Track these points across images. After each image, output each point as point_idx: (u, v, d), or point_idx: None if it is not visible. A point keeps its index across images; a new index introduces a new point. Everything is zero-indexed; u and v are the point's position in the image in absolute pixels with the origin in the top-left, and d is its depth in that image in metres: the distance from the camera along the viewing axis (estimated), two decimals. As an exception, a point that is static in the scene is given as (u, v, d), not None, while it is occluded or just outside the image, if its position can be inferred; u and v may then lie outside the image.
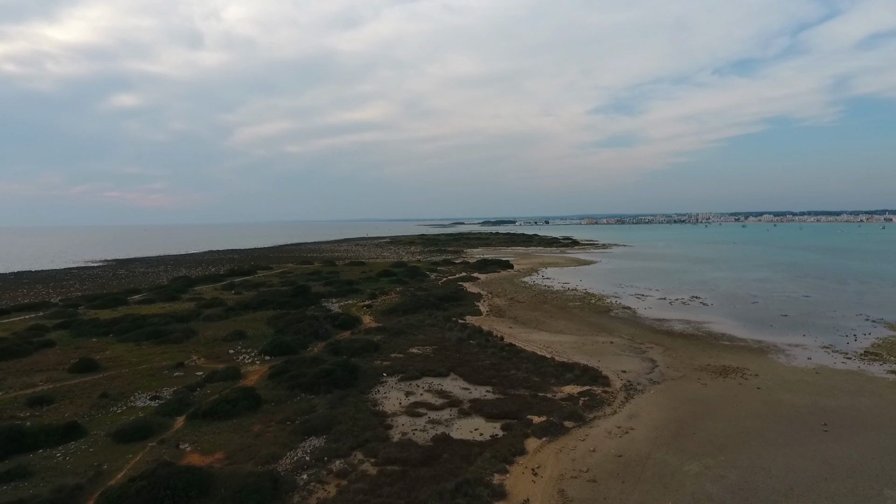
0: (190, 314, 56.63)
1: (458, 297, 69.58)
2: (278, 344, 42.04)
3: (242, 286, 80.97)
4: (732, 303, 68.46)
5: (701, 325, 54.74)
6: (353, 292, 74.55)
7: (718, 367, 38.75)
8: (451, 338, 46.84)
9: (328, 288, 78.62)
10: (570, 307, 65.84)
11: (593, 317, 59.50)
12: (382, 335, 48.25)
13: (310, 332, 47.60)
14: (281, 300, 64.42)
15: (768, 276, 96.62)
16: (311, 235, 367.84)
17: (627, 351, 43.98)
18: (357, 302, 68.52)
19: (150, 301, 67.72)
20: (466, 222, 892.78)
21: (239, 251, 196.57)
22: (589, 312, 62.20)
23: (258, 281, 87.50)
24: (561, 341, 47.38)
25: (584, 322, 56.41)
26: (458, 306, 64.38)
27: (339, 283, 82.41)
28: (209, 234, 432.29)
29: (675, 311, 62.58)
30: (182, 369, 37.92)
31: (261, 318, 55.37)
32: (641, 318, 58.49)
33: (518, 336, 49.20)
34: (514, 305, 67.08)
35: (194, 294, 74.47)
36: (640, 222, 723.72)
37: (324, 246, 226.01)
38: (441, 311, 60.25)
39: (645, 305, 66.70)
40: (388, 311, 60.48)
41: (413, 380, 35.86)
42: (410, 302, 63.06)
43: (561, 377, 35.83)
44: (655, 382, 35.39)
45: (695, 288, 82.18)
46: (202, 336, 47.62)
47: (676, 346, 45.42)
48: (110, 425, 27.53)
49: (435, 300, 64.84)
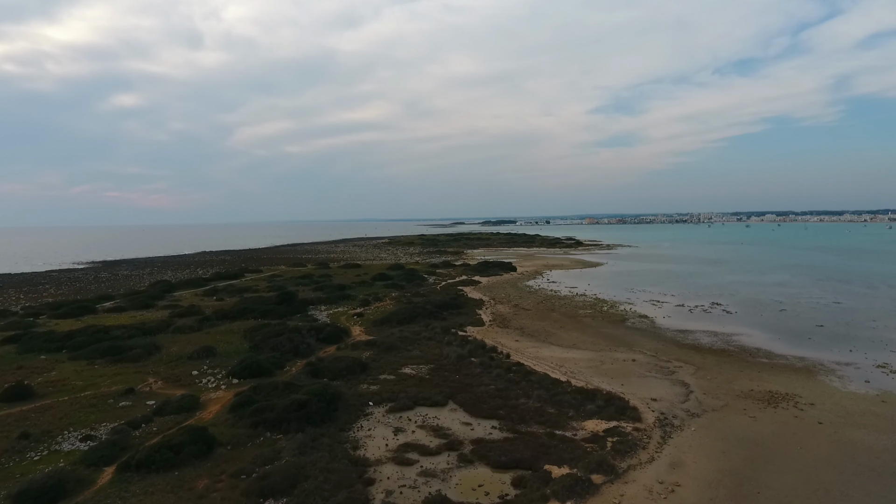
0: (159, 325, 50.84)
1: (457, 304, 63.77)
2: (249, 364, 36.23)
3: (226, 291, 75.19)
4: (758, 310, 62.62)
5: (730, 337, 48.89)
6: (345, 298, 68.75)
7: (764, 394, 32.94)
8: (450, 354, 41.02)
9: (318, 294, 72.82)
10: (581, 316, 60.01)
11: (608, 327, 53.65)
12: (372, 351, 42.45)
13: (289, 347, 41.81)
14: (264, 308, 58.62)
15: (788, 280, 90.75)
16: (309, 236, 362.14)
17: (653, 371, 38.15)
18: (348, 310, 62.71)
19: (121, 309, 61.94)
20: (467, 222, 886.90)
21: (232, 252, 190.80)
22: (602, 322, 56.36)
23: (244, 286, 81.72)
24: (575, 358, 41.55)
25: (599, 334, 50.57)
26: (457, 315, 58.58)
27: (330, 289, 76.62)
28: (206, 235, 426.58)
29: (697, 321, 56.75)
30: (132, 397, 32.11)
31: (237, 329, 49.56)
32: (662, 330, 52.66)
33: (526, 352, 43.38)
34: (520, 314, 61.26)
35: (171, 300, 68.68)
36: (641, 222, 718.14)
37: (320, 247, 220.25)
38: (439, 321, 54.47)
39: (663, 314, 60.87)
40: (380, 320, 54.68)
41: (404, 411, 30.05)
42: (406, 310, 57.25)
43: (581, 408, 29.99)
44: (694, 415, 29.56)
45: (713, 293, 76.34)
46: (166, 352, 41.81)
47: (708, 365, 39.58)
48: (19, 480, 21.76)
49: (433, 308, 59.03)
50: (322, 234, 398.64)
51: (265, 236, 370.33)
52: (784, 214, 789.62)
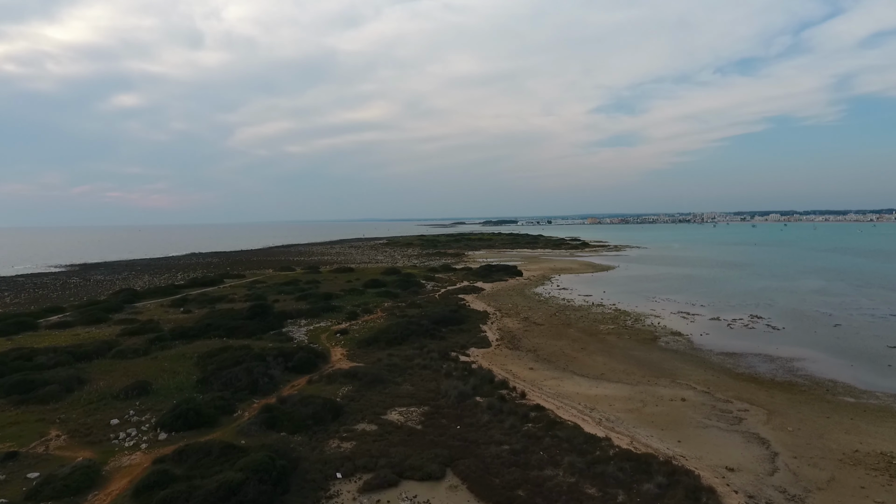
0: (100, 347, 42.11)
1: (458, 318, 55.02)
2: (185, 411, 27.50)
3: (196, 302, 66.47)
4: (808, 326, 53.85)
5: (792, 364, 40.14)
6: (330, 311, 59.98)
7: (876, 457, 24.24)
8: (449, 391, 32.27)
9: (299, 304, 64.09)
10: (603, 333, 51.27)
11: (639, 349, 44.90)
12: (352, 385, 33.76)
13: (246, 382, 33.10)
14: (231, 324, 49.92)
15: (825, 287, 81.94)
16: (307, 236, 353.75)
17: (713, 417, 29.43)
18: (331, 325, 54.01)
19: (67, 324, 53.21)
20: (467, 222, 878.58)
21: (222, 254, 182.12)
22: (630, 342, 47.60)
23: (219, 294, 73.01)
24: (608, 396, 32.83)
25: (630, 359, 41.83)
26: (458, 332, 49.84)
27: (315, 298, 67.89)
28: (202, 236, 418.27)
29: (742, 340, 48.02)
30: (13, 463, 23.43)
31: (192, 353, 40.81)
32: (704, 352, 43.92)
33: (545, 386, 34.66)
34: (531, 329, 52.53)
35: (131, 313, 59.99)
36: (644, 222, 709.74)
37: (315, 248, 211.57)
38: (436, 341, 45.76)
39: (698, 330, 52.14)
40: (367, 340, 45.91)
41: (385, 489, 21.39)
42: (398, 327, 48.51)
43: (634, 488, 21.25)
44: (796, 500, 20.84)
45: (746, 303, 67.61)
46: (91, 389, 33.09)
47: (781, 407, 30.86)
48: None
49: (429, 324, 50.30)
50: (320, 234, 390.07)
51: (262, 237, 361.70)
52: (787, 214, 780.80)
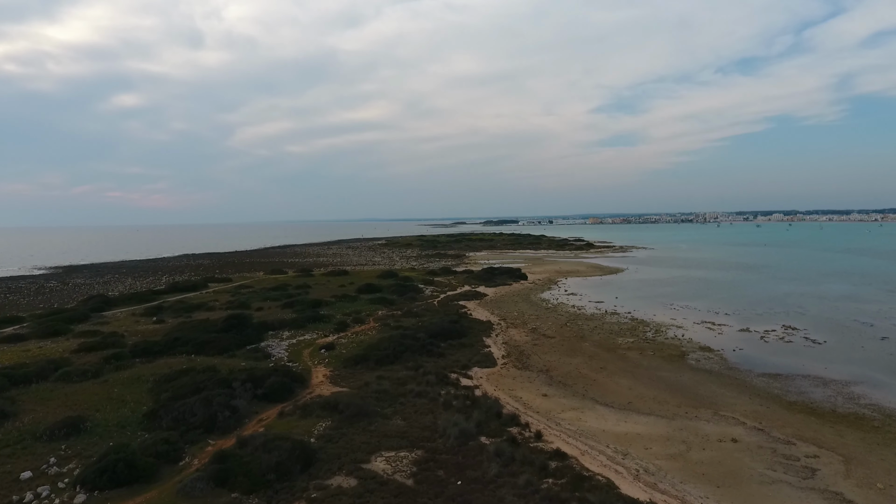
0: (44, 368, 36.30)
1: (459, 329, 49.17)
2: (111, 465, 21.69)
3: (172, 310, 60.71)
4: (851, 339, 48.04)
5: (850, 390, 34.31)
6: (317, 320, 54.17)
7: None
8: (448, 430, 26.48)
9: (284, 313, 58.34)
10: (622, 347, 45.46)
11: (666, 368, 39.09)
12: (331, 419, 27.99)
13: (203, 416, 27.33)
14: (202, 338, 44.13)
15: (854, 292, 76.10)
16: (305, 236, 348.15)
17: (777, 466, 23.61)
18: (317, 337, 48.24)
19: (19, 338, 47.37)
20: (468, 222, 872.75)
21: (216, 255, 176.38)
22: (655, 359, 41.79)
23: (199, 301, 67.22)
24: (641, 434, 27.03)
25: (658, 381, 36.03)
26: (459, 347, 44.04)
27: (303, 305, 62.11)
28: (200, 236, 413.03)
29: (783, 357, 42.20)
30: None
31: (149, 376, 35.05)
32: (742, 373, 38.10)
33: (563, 419, 28.89)
34: (541, 343, 46.74)
35: (97, 323, 54.27)
36: (646, 221, 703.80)
37: (312, 249, 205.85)
38: (434, 359, 40.04)
39: (729, 343, 46.32)
40: (355, 358, 40.08)
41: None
42: (390, 342, 42.73)
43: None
44: None
45: (774, 310, 61.83)
46: (13, 426, 27.32)
47: (857, 451, 25.03)
48: None
49: (426, 338, 44.53)
50: (319, 234, 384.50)
51: (260, 237, 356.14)
52: (790, 214, 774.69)
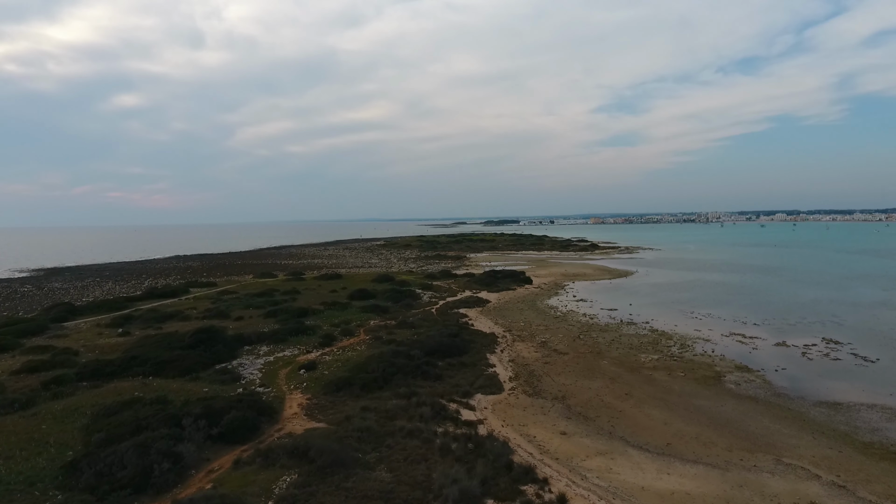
0: (-33, 397, 30.56)
1: (459, 345, 43.32)
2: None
3: (142, 320, 54.93)
4: (906, 355, 42.24)
5: (932, 425, 28.51)
6: (301, 333, 48.37)
7: None
8: (445, 489, 20.63)
9: (266, 324, 52.60)
10: (646, 366, 39.63)
11: (704, 394, 33.25)
12: (298, 472, 22.18)
13: (135, 469, 21.57)
14: (164, 356, 38.36)
15: (888, 298, 70.15)
16: (303, 237, 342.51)
17: (882, 548, 17.81)
18: (297, 354, 42.46)
19: (-42, 355, 41.64)
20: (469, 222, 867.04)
21: (207, 256, 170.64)
22: (688, 381, 35.96)
23: (174, 309, 61.42)
24: (691, 494, 21.19)
25: (697, 412, 30.22)
26: (459, 367, 38.21)
27: (287, 315, 56.34)
28: (197, 236, 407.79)
29: (835, 379, 36.34)
30: None
31: (87, 408, 29.27)
32: (793, 400, 32.29)
33: (589, 469, 23.07)
34: (553, 360, 40.94)
35: (54, 335, 48.44)
36: (648, 221, 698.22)
37: (308, 250, 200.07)
38: (430, 383, 34.27)
39: (768, 361, 40.50)
40: (338, 382, 34.24)
41: None
42: (380, 361, 36.93)
43: None
44: None
45: (807, 320, 56.02)
46: None
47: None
48: None
49: (421, 355, 38.77)
50: (318, 235, 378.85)
51: (257, 237, 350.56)
52: (792, 213, 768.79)
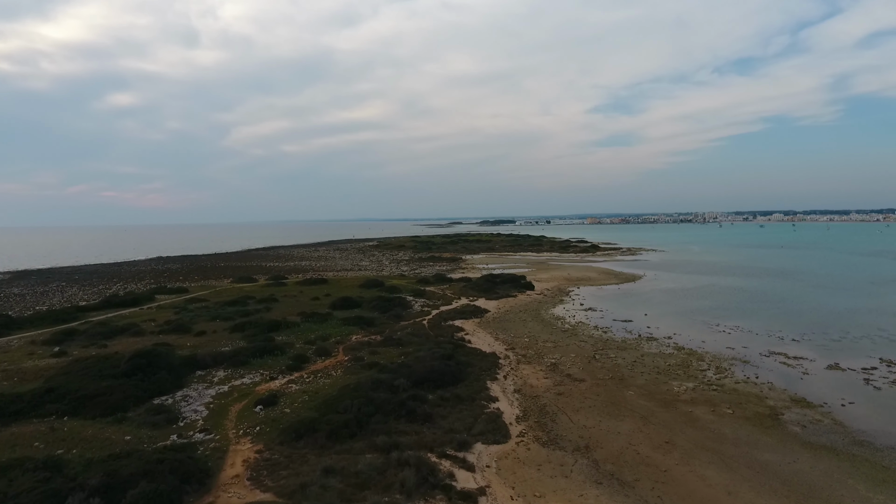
0: None
1: (455, 370, 35.96)
2: None
3: (87, 335, 47.42)
4: None
5: None
6: (267, 353, 40.94)
7: None
8: None
9: (230, 340, 45.21)
10: (682, 398, 32.45)
11: (767, 443, 26.05)
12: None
13: None
14: (90, 387, 30.97)
15: (930, 307, 63.41)
16: (296, 237, 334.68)
17: None
18: (260, 381, 35.12)
19: None
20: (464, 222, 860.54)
21: (191, 258, 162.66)
22: (739, 421, 28.75)
23: (127, 321, 53.86)
24: None
25: (765, 472, 23.01)
26: (454, 402, 30.89)
27: (256, 329, 48.95)
28: (188, 236, 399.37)
29: (922, 419, 29.29)
30: None
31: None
32: (880, 451, 25.15)
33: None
34: (568, 390, 33.75)
35: (-26, 357, 40.90)
36: (645, 222, 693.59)
37: (297, 251, 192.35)
38: (416, 427, 27.01)
39: (827, 391, 33.41)
40: (300, 425, 26.83)
41: None
42: (356, 395, 29.56)
43: None
44: None
45: (852, 335, 49.06)
46: None
47: None
48: None
49: (408, 386, 31.56)
50: (310, 235, 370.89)
51: (248, 238, 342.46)
52: (789, 214, 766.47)
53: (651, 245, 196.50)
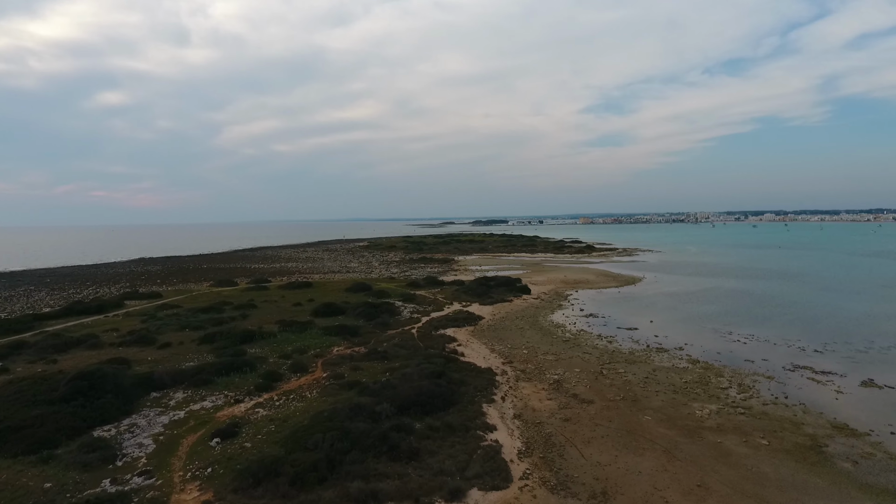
0: None
1: (446, 391, 31.47)
2: None
3: (38, 348, 42.61)
4: None
5: None
6: (235, 370, 36.38)
7: None
8: None
9: (195, 354, 40.61)
10: (707, 424, 28.26)
11: (816, 486, 21.81)
12: None
13: None
14: (18, 418, 26.38)
15: (950, 312, 59.81)
16: (285, 237, 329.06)
17: None
18: (221, 406, 30.62)
19: None
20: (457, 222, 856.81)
21: (173, 259, 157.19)
22: (777, 455, 24.56)
23: (86, 332, 49.07)
24: None
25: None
26: (445, 434, 26.46)
27: (227, 340, 44.39)
28: (175, 237, 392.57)
29: None
30: None
31: None
32: (957, 497, 21.08)
33: None
34: (575, 415, 29.48)
35: None
36: (637, 222, 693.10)
37: (285, 252, 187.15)
38: (400, 466, 22.62)
39: (873, 417, 29.31)
40: (258, 468, 22.34)
41: None
42: (330, 425, 25.11)
43: None
44: None
45: (878, 345, 45.23)
46: None
47: None
48: None
49: (392, 412, 27.20)
50: (301, 235, 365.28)
51: (237, 238, 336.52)
52: (780, 213, 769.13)
53: (647, 245, 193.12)
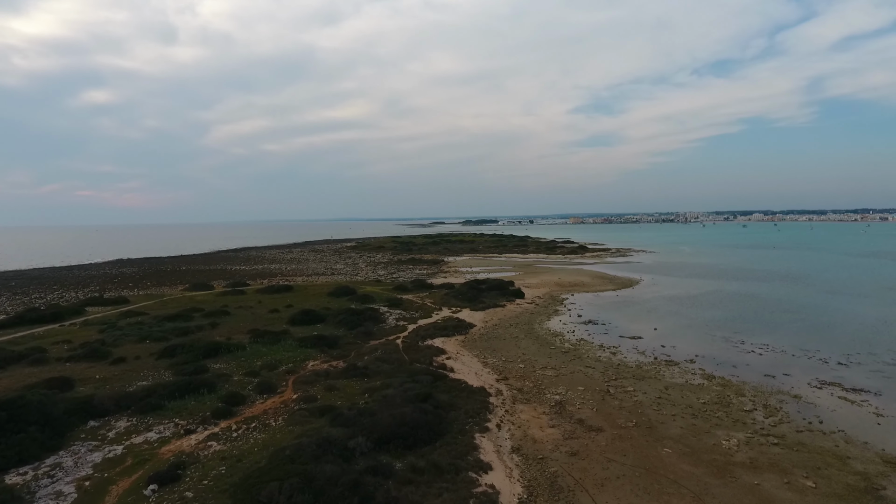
0: None
1: (432, 418, 27.13)
2: None
3: (-30, 365, 37.64)
4: None
5: None
6: (192, 391, 31.81)
7: None
8: None
9: (152, 371, 35.92)
10: (737, 460, 24.13)
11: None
12: None
13: None
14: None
15: (969, 318, 56.44)
16: (272, 237, 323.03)
17: None
18: (168, 438, 26.07)
19: None
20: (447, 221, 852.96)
21: (153, 260, 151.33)
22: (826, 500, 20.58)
23: (33, 345, 44.06)
24: None
25: None
26: (430, 477, 22.06)
27: (190, 354, 39.70)
28: (159, 237, 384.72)
29: None
30: None
31: None
32: None
33: None
34: (583, 448, 25.27)
35: None
36: (627, 221, 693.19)
37: (270, 253, 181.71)
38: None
39: (925, 447, 25.47)
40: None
41: None
42: (290, 469, 20.69)
43: None
44: None
45: None
46: None
47: None
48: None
49: (367, 448, 22.87)
50: (288, 235, 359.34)
51: (223, 238, 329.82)
52: (768, 213, 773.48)
53: (639, 246, 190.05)
